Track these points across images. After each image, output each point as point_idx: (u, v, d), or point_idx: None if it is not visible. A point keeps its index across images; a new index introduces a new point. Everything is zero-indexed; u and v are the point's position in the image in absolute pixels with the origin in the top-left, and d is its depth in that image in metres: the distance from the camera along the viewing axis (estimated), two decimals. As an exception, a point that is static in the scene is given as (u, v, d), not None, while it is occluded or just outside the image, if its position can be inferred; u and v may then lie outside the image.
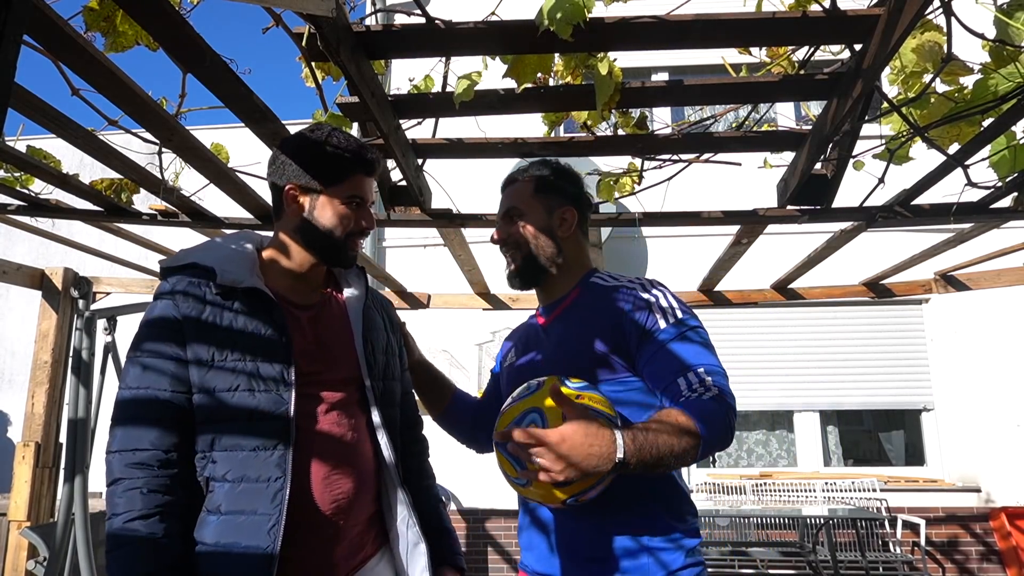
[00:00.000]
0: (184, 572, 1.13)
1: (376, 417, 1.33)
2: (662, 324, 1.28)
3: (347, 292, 1.42)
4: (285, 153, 1.31)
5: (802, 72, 1.67)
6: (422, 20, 1.27)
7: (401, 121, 1.69)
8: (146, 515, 1.11)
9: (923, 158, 1.66)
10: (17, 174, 1.93)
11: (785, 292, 3.31)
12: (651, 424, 1.10)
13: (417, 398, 1.62)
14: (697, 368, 1.22)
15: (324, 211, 1.29)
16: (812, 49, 1.66)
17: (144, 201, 2.15)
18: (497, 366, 1.65)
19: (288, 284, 1.33)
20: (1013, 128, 1.48)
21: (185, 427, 1.18)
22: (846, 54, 1.39)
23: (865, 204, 1.89)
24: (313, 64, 1.51)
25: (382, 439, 1.33)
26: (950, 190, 1.74)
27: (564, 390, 1.13)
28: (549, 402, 1.13)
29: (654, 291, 1.35)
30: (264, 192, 1.48)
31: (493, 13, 1.32)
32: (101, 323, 2.88)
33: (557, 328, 1.44)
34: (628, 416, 1.27)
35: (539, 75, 1.49)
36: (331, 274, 1.44)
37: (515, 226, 1.47)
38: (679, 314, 1.30)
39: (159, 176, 1.85)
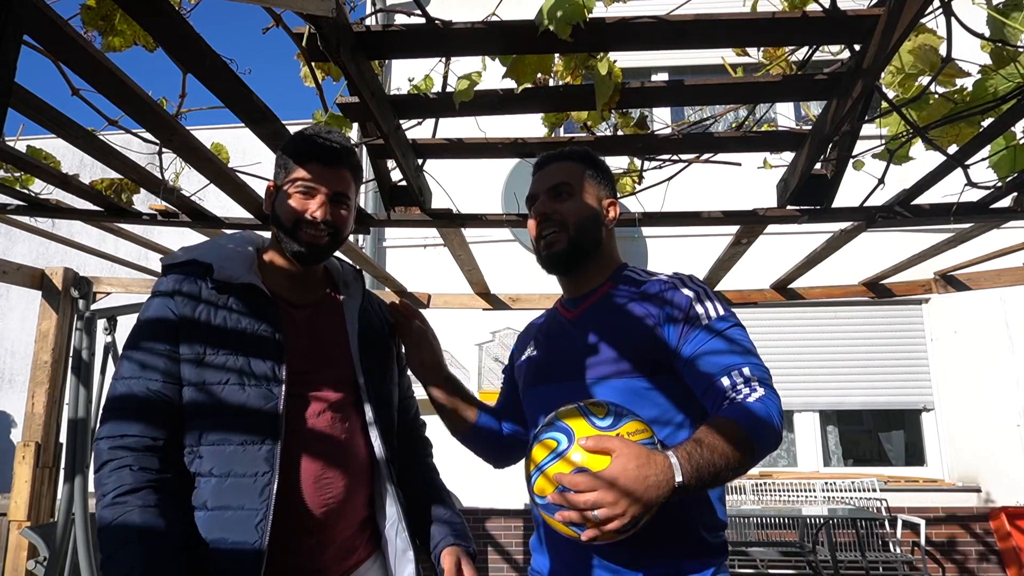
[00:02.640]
0: (182, 542, 1.10)
1: (370, 417, 1.32)
2: (703, 321, 1.23)
3: (344, 294, 1.42)
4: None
5: (801, 72, 1.67)
6: (422, 20, 1.27)
7: (401, 121, 1.69)
8: (136, 488, 1.08)
9: (923, 158, 1.66)
10: (17, 174, 1.93)
11: (785, 292, 3.31)
12: (703, 438, 1.02)
13: (439, 417, 1.52)
14: (741, 367, 1.15)
15: (279, 202, 1.30)
16: (812, 49, 1.66)
17: (144, 201, 2.15)
18: (508, 366, 1.56)
19: (285, 283, 1.33)
20: (1013, 128, 1.48)
21: (174, 421, 1.17)
22: (846, 54, 1.39)
23: (865, 204, 1.89)
24: (313, 64, 1.51)
25: (375, 440, 1.32)
26: (950, 190, 1.74)
27: (594, 432, 1.05)
28: (581, 452, 1.02)
29: (693, 287, 1.28)
30: (264, 192, 1.49)
31: (493, 13, 1.32)
32: (101, 323, 2.89)
33: (587, 321, 1.36)
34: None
35: (539, 75, 1.48)
36: (330, 275, 1.44)
37: (566, 203, 1.36)
38: (720, 311, 1.24)
39: (159, 176, 1.85)
